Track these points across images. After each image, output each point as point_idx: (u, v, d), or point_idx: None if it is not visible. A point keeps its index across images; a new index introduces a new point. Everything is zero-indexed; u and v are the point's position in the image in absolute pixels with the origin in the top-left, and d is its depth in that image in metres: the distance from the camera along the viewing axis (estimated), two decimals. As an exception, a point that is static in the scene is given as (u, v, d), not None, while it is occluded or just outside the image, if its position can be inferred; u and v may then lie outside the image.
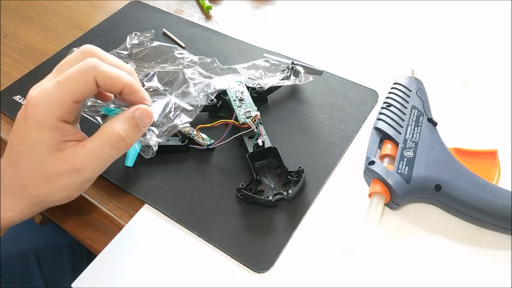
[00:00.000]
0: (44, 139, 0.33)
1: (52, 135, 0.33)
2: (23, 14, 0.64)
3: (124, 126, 0.34)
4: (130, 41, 0.55)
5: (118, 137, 0.34)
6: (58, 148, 0.33)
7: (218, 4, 0.64)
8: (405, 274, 0.36)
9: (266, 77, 0.49)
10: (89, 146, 0.33)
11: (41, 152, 0.33)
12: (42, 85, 0.34)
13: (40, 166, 0.33)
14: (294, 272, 0.37)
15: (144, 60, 0.54)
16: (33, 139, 0.33)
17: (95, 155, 0.33)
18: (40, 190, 0.34)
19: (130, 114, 0.34)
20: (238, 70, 0.50)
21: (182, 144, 0.44)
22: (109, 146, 0.34)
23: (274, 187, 0.41)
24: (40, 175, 0.33)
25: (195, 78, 0.47)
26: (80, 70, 0.33)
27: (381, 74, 0.52)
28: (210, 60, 0.52)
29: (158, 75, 0.50)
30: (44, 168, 0.33)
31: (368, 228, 0.38)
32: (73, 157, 0.33)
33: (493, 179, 0.40)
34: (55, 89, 0.32)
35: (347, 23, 0.60)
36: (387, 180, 0.38)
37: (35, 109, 0.32)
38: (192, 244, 0.39)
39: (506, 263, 0.36)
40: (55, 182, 0.33)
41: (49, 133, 0.33)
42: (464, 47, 0.55)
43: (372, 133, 0.43)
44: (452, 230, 0.39)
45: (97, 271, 0.38)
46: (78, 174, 0.33)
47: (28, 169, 0.33)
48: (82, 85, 0.33)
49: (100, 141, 0.34)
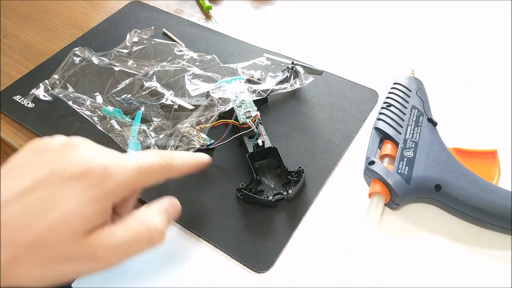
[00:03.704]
0: (88, 217, 0.26)
1: (99, 216, 0.26)
2: (23, 14, 0.64)
3: (161, 219, 0.30)
4: (130, 39, 0.56)
5: (158, 231, 0.29)
6: (90, 232, 0.26)
7: (218, 4, 0.64)
8: (405, 274, 0.36)
9: (267, 77, 0.49)
10: (122, 235, 0.27)
11: (71, 230, 0.25)
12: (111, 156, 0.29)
13: (54, 243, 0.25)
14: (294, 272, 0.37)
15: (144, 58, 0.54)
16: (75, 212, 0.25)
17: (127, 248, 0.27)
18: (32, 273, 0.25)
19: (166, 207, 0.32)
20: (238, 71, 0.50)
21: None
22: (147, 239, 0.28)
23: (274, 187, 0.41)
24: (46, 256, 0.25)
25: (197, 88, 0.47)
26: (161, 164, 0.31)
27: (381, 74, 0.52)
28: (210, 57, 0.52)
29: (157, 75, 0.50)
30: (57, 248, 0.25)
31: (368, 228, 0.38)
32: (98, 245, 0.26)
33: (493, 179, 0.40)
34: (134, 172, 0.29)
35: (347, 23, 0.60)
36: (387, 180, 0.38)
37: (105, 182, 0.27)
38: (192, 244, 0.39)
39: (506, 263, 0.36)
40: (58, 267, 0.25)
41: (99, 212, 0.26)
42: (464, 47, 0.55)
43: (372, 133, 0.43)
44: (452, 230, 0.39)
45: (97, 271, 0.38)
46: (93, 264, 0.26)
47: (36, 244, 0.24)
48: (156, 179, 0.31)
49: (136, 233, 0.28)
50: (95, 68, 0.53)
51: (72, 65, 0.53)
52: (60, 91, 0.49)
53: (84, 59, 0.54)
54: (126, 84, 0.50)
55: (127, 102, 0.48)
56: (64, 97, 0.49)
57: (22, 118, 0.49)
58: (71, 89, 0.50)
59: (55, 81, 0.52)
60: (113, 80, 0.51)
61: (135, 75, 0.50)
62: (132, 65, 0.53)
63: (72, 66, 0.53)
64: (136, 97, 0.48)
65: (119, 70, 0.52)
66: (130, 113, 0.47)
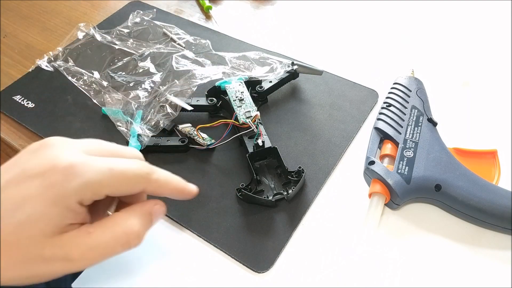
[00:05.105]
0: (53, 218, 0.26)
1: (64, 216, 0.26)
2: (23, 14, 0.64)
3: (140, 222, 0.29)
4: (132, 19, 0.59)
5: (135, 234, 0.29)
6: (61, 231, 0.26)
7: (218, 4, 0.64)
8: (405, 274, 0.36)
9: (254, 69, 0.50)
10: (98, 237, 0.27)
11: (39, 231, 0.26)
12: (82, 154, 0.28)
13: (25, 244, 0.26)
14: (294, 272, 0.37)
15: (142, 39, 0.57)
16: (40, 212, 0.26)
17: (102, 249, 0.27)
18: (6, 273, 0.25)
19: (149, 210, 0.30)
20: (227, 60, 0.51)
21: (182, 144, 0.44)
22: (122, 243, 0.28)
23: (274, 187, 0.41)
24: (18, 256, 0.25)
25: (182, 66, 0.50)
26: (136, 173, 0.29)
27: (381, 74, 0.52)
28: (204, 41, 0.55)
29: (151, 55, 0.54)
30: (28, 249, 0.26)
31: (368, 228, 0.38)
32: (72, 245, 0.26)
33: (493, 179, 0.40)
34: (104, 175, 0.27)
35: (347, 23, 0.60)
36: (387, 180, 0.38)
37: (63, 183, 0.26)
38: (192, 244, 0.39)
39: (506, 263, 0.36)
40: (33, 267, 0.26)
41: (64, 213, 0.26)
42: (464, 47, 0.55)
43: (372, 133, 0.43)
44: (452, 230, 0.39)
45: (97, 271, 0.38)
46: (68, 264, 0.27)
47: (6, 243, 0.25)
48: (129, 187, 0.29)
49: (113, 235, 0.28)
50: (96, 45, 0.56)
51: (76, 40, 0.57)
52: (61, 64, 0.53)
53: (88, 35, 0.57)
54: (123, 63, 0.53)
55: (120, 78, 0.51)
56: (64, 70, 0.52)
57: (22, 118, 0.49)
58: (71, 63, 0.53)
59: (58, 53, 0.55)
60: (111, 58, 0.54)
61: (132, 55, 0.54)
62: (131, 45, 0.56)
63: (75, 41, 0.57)
64: (130, 75, 0.52)
65: (118, 49, 0.56)
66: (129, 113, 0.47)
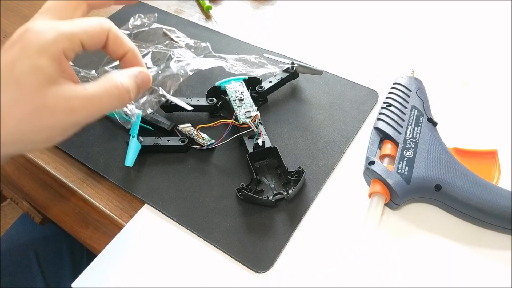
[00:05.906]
0: (44, 67, 0.29)
1: (53, 66, 0.29)
2: (23, 14, 0.64)
3: (128, 81, 0.33)
4: (133, 22, 0.58)
5: (125, 89, 0.32)
6: (56, 82, 0.30)
7: (218, 4, 0.64)
8: (405, 274, 0.36)
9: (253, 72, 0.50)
10: (93, 90, 0.31)
11: (36, 81, 0.29)
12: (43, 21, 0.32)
13: (29, 97, 0.29)
14: (294, 272, 0.37)
15: (142, 41, 0.56)
16: (30, 65, 0.29)
17: (98, 101, 0.31)
18: (20, 126, 0.29)
19: (135, 73, 0.34)
20: (227, 59, 0.51)
21: (182, 144, 0.44)
22: (116, 95, 0.32)
23: (274, 187, 0.41)
24: (26, 108, 0.29)
25: (180, 57, 0.50)
26: (96, 20, 0.32)
27: (381, 74, 0.52)
28: (204, 45, 0.54)
29: (151, 55, 0.53)
30: (33, 100, 0.29)
31: (368, 228, 0.38)
32: (72, 96, 0.30)
33: (493, 179, 0.40)
34: (67, 24, 0.31)
35: (347, 23, 0.60)
36: (387, 180, 0.38)
37: (39, 36, 0.29)
38: (192, 244, 0.39)
39: (506, 263, 0.36)
40: (41, 119, 0.29)
41: (51, 62, 0.29)
42: (464, 47, 0.55)
43: (372, 133, 0.43)
44: (452, 230, 0.39)
45: (97, 271, 0.38)
46: (71, 115, 0.30)
47: (13, 100, 0.29)
48: (95, 32, 0.32)
49: (106, 89, 0.31)
50: None
51: None
52: None
53: None
54: None
55: None
56: None
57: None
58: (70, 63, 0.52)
59: None
60: (109, 57, 0.54)
61: None
62: None
63: None
64: None
65: None
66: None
